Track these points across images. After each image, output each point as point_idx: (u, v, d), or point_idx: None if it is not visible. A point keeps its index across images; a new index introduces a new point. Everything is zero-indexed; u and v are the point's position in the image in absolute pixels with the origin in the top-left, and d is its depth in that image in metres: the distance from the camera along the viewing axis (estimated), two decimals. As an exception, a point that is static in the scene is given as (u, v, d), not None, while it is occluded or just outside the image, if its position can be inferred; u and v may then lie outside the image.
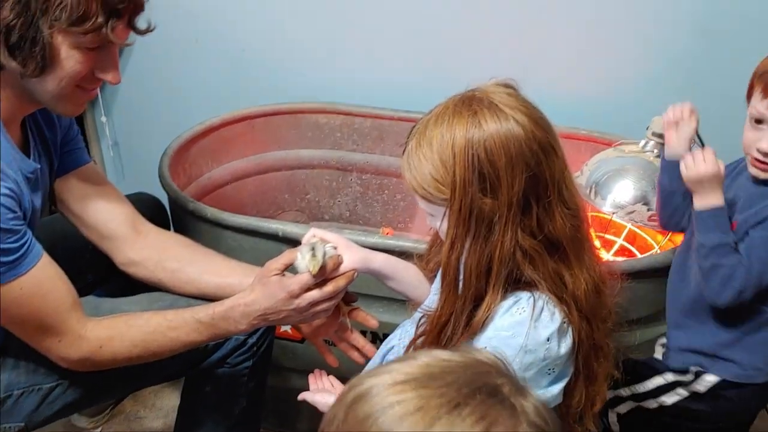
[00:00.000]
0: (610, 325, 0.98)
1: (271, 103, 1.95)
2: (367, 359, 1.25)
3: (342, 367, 1.27)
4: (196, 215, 1.48)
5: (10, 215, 0.99)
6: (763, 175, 1.19)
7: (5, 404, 1.15)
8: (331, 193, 2.08)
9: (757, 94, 1.17)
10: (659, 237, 1.68)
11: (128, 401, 1.82)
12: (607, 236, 1.71)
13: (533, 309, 0.89)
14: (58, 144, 1.23)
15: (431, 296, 1.11)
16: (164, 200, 1.59)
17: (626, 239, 1.72)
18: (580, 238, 0.92)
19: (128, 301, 1.26)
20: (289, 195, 2.07)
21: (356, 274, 1.15)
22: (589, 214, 1.04)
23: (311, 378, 1.23)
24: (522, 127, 0.87)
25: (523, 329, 0.88)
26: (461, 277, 0.92)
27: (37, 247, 1.06)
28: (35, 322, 1.07)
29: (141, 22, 1.04)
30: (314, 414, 1.78)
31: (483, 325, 0.91)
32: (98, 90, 1.12)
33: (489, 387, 0.59)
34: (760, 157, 1.17)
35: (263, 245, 1.46)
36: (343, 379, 1.16)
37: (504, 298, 0.91)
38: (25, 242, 1.02)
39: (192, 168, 1.83)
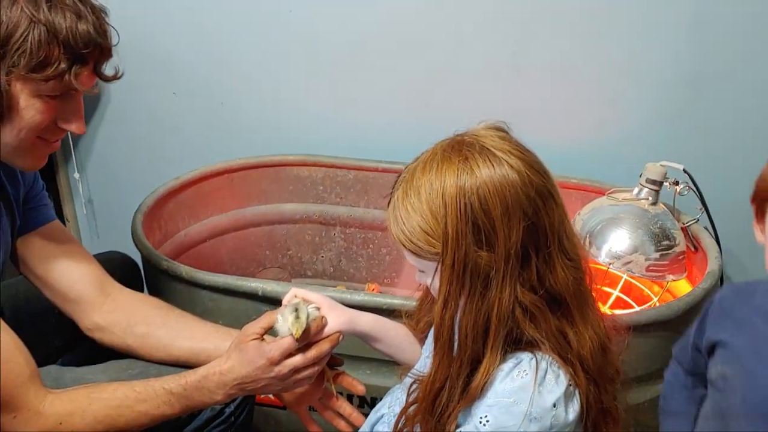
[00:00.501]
0: (618, 386, 0.90)
1: (251, 156, 1.89)
2: (355, 428, 1.15)
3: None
4: (170, 274, 1.40)
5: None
6: None
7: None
8: (314, 249, 2.00)
9: None
10: (655, 287, 1.62)
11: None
12: (604, 288, 1.65)
13: (536, 371, 0.81)
14: (21, 200, 1.16)
15: (423, 359, 1.03)
16: (139, 259, 1.51)
17: (622, 290, 1.65)
18: (583, 292, 0.85)
19: (94, 371, 1.16)
20: (270, 251, 1.99)
21: (342, 337, 1.07)
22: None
23: None
24: (517, 172, 0.81)
25: (526, 395, 0.80)
26: (456, 338, 0.84)
27: (-8, 313, 0.97)
28: None
29: (108, 69, 0.98)
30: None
31: (482, 391, 0.83)
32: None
33: None
34: None
35: (242, 305, 1.38)
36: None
37: (503, 360, 0.83)
38: (-21, 307, 0.94)
39: (168, 225, 1.76)
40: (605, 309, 1.62)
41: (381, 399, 1.12)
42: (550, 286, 0.82)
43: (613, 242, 1.48)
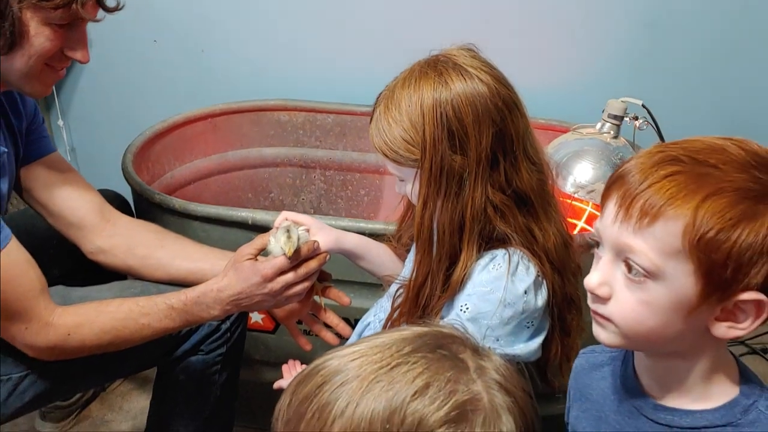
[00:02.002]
0: (579, 279, 1.01)
1: (232, 101, 1.95)
2: (343, 339, 1.25)
3: (316, 355, 1.27)
4: (163, 207, 1.47)
5: (-21, 194, 0.98)
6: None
7: (-26, 394, 1.12)
8: (295, 191, 2.08)
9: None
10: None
11: (95, 405, 1.78)
12: (570, 220, 1.76)
13: (509, 263, 0.91)
14: (24, 132, 1.22)
15: (407, 268, 1.12)
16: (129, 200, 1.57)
17: (586, 222, 1.76)
18: (546, 193, 0.96)
19: (99, 289, 1.24)
20: (252, 194, 2.06)
21: (329, 256, 1.15)
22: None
23: (285, 368, 1.23)
24: (486, 85, 0.90)
25: (501, 284, 0.90)
26: (435, 236, 0.94)
27: (6, 230, 1.05)
28: (2, 308, 1.04)
29: (110, 0, 1.04)
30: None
31: (461, 284, 0.93)
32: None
33: (437, 347, 0.59)
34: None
35: (232, 235, 1.45)
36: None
37: (480, 256, 0.94)
38: (-5, 223, 1.01)
39: (155, 166, 1.82)
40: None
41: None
42: (516, 186, 0.92)
43: (577, 173, 1.58)
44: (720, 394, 0.71)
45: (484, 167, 0.90)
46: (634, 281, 0.67)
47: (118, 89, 2.08)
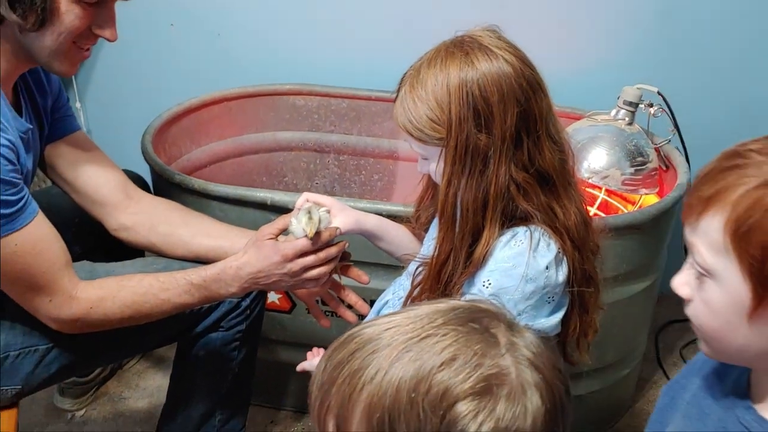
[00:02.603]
0: (598, 258, 1.03)
1: (248, 85, 1.96)
2: (361, 317, 1.27)
3: (335, 335, 1.29)
4: (183, 187, 1.49)
5: (10, 167, 1.00)
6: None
7: (3, 365, 1.15)
8: (309, 176, 2.10)
9: None
10: (629, 207, 1.75)
11: (112, 382, 1.80)
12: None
13: (531, 240, 0.93)
14: (49, 110, 1.24)
15: (425, 247, 1.14)
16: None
17: (599, 208, 1.78)
18: (566, 172, 0.98)
19: (123, 265, 1.26)
20: (266, 178, 2.08)
21: (347, 244, 1.18)
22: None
23: (309, 355, 1.24)
24: (511, 65, 0.92)
25: (522, 259, 0.92)
26: (459, 214, 0.96)
27: (34, 204, 1.06)
28: (27, 280, 1.07)
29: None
30: (302, 389, 1.80)
31: (483, 260, 0.95)
32: (90, 53, 1.13)
33: (469, 321, 0.60)
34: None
35: (250, 215, 1.47)
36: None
37: (501, 234, 0.95)
38: (23, 197, 1.03)
39: (171, 149, 1.83)
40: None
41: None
42: (539, 165, 0.94)
43: (592, 159, 1.60)
44: None
45: (508, 146, 0.91)
46: (698, 280, 0.66)
47: (135, 73, 2.10)
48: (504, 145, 0.91)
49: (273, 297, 1.56)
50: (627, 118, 1.63)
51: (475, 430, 0.54)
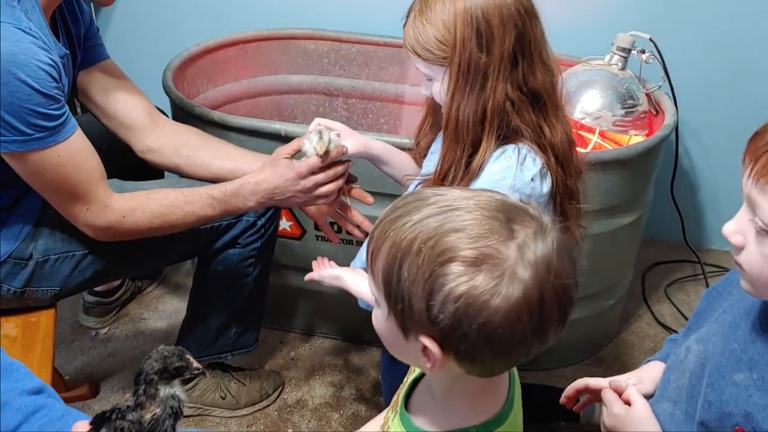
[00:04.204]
0: (581, 175, 1.14)
1: (264, 28, 2.06)
2: (367, 234, 1.39)
3: (340, 255, 1.41)
4: (203, 119, 1.59)
5: (54, 84, 1.10)
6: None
7: (43, 267, 1.27)
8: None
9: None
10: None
11: (132, 305, 1.94)
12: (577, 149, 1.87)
13: (518, 155, 1.04)
14: (82, 38, 1.34)
15: (425, 168, 1.25)
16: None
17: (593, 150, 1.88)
18: (555, 95, 1.08)
19: (150, 184, 1.38)
20: (278, 119, 2.17)
21: (351, 163, 1.29)
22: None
23: (315, 264, 1.35)
24: None
25: (510, 172, 1.04)
26: (460, 127, 1.07)
27: (73, 120, 1.17)
28: (67, 189, 1.18)
29: None
30: (309, 312, 1.93)
31: (479, 171, 1.06)
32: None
33: (499, 212, 0.66)
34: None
35: (266, 146, 1.57)
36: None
37: (494, 149, 1.06)
38: (65, 112, 1.14)
39: (189, 87, 1.93)
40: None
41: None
42: (531, 86, 1.05)
43: (585, 101, 1.70)
44: None
45: (505, 65, 1.02)
46: (760, 235, 0.72)
47: (153, 14, 2.19)
48: (502, 64, 1.02)
49: (284, 224, 1.68)
50: (620, 63, 1.73)
51: (449, 288, 0.64)
